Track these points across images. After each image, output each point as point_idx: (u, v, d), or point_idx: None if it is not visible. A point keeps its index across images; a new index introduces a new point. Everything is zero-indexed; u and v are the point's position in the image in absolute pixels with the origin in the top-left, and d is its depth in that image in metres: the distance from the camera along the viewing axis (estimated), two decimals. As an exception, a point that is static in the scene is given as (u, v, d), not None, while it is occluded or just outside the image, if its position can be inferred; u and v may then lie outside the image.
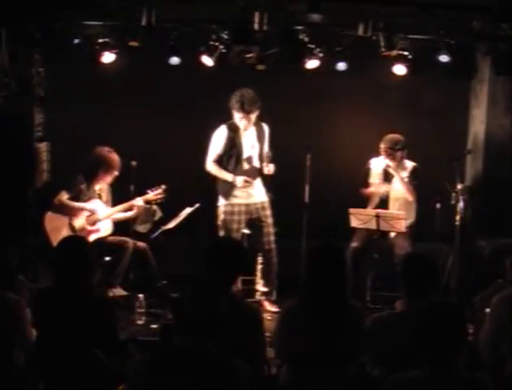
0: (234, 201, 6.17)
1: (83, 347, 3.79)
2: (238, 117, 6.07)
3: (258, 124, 6.19)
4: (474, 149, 7.27)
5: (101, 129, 6.94)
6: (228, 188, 6.16)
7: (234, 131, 6.15)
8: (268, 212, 6.22)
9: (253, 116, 6.09)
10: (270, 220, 6.21)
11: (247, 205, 6.18)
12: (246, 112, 6.01)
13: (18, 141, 6.64)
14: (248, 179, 6.10)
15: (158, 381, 2.93)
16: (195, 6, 6.22)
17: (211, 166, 6.20)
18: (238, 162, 6.16)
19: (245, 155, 6.15)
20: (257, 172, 6.21)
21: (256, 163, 6.19)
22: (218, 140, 6.18)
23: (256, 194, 6.21)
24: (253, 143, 6.17)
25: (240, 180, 6.09)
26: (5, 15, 6.09)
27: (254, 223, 6.23)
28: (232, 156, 6.16)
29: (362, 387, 3.70)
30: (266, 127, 6.24)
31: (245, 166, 6.16)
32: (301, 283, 3.91)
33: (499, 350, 4.02)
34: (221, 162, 6.19)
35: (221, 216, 6.20)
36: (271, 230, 6.22)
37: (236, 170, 6.15)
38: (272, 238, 6.22)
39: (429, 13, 6.19)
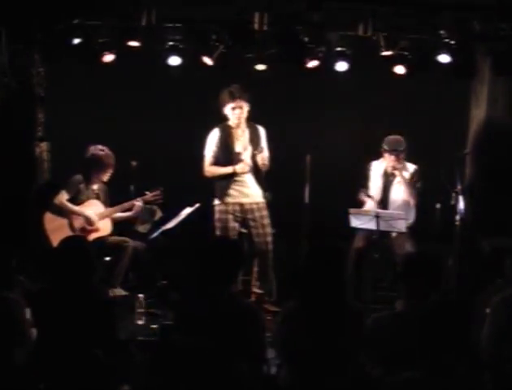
0: (229, 200, 6.15)
1: (83, 347, 3.79)
2: (230, 108, 6.05)
3: (251, 126, 6.16)
4: (474, 149, 7.26)
5: (102, 129, 6.94)
6: (223, 188, 6.15)
7: (226, 131, 6.15)
8: (264, 213, 6.17)
9: (245, 107, 6.06)
10: (265, 221, 6.16)
11: (241, 204, 6.15)
12: (237, 98, 6.00)
13: (18, 141, 6.64)
14: (246, 163, 6.07)
15: (159, 381, 2.93)
16: (195, 6, 6.23)
17: (208, 170, 6.18)
18: (230, 162, 6.12)
19: (235, 157, 6.11)
20: (250, 171, 6.15)
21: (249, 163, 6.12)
22: (210, 142, 6.19)
23: (251, 194, 6.17)
24: (245, 144, 6.13)
25: (240, 167, 6.07)
26: (5, 15, 6.09)
27: (249, 223, 6.20)
28: (224, 157, 6.14)
29: (362, 387, 3.70)
30: (261, 130, 6.21)
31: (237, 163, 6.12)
32: (301, 284, 3.91)
33: (499, 350, 4.02)
34: (217, 163, 6.17)
35: (216, 215, 6.18)
36: (267, 231, 6.17)
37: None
38: (269, 239, 6.17)
39: (429, 13, 6.19)
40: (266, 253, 6.18)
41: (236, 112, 6.07)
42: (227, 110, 6.09)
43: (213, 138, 6.19)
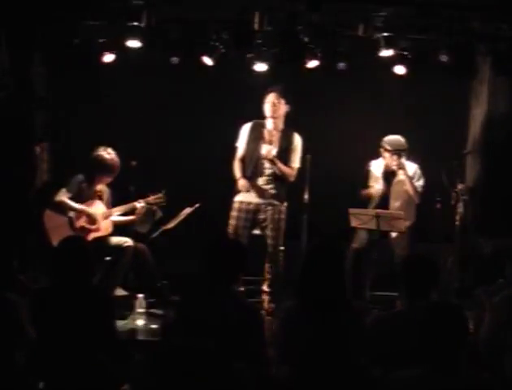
0: (243, 198, 6.17)
1: (82, 347, 3.79)
2: (268, 102, 6.06)
3: (286, 132, 6.17)
4: (474, 149, 7.26)
5: (102, 129, 6.94)
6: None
7: (257, 129, 6.16)
8: (277, 216, 6.14)
9: (281, 107, 6.09)
10: (278, 224, 6.14)
11: (255, 204, 6.17)
12: (277, 94, 6.03)
13: (18, 141, 6.64)
14: (246, 186, 6.09)
15: (159, 381, 2.93)
16: (195, 6, 6.23)
17: (234, 163, 6.22)
18: (254, 161, 6.14)
19: (261, 156, 6.12)
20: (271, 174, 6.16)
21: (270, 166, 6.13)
22: (242, 135, 6.23)
23: (267, 195, 6.16)
24: (271, 147, 6.09)
25: (241, 184, 6.11)
26: (5, 16, 6.10)
27: (260, 223, 6.20)
28: (249, 155, 6.16)
29: (362, 387, 3.70)
30: (297, 138, 6.20)
31: (260, 166, 6.13)
32: (300, 283, 3.91)
33: (499, 350, 4.03)
34: (244, 158, 6.20)
35: (233, 212, 6.20)
36: (279, 234, 6.16)
37: (251, 169, 6.15)
38: (279, 241, 6.18)
39: (429, 13, 6.19)
40: (275, 255, 6.18)
41: (270, 108, 6.08)
42: (266, 106, 6.11)
43: (244, 132, 6.22)
